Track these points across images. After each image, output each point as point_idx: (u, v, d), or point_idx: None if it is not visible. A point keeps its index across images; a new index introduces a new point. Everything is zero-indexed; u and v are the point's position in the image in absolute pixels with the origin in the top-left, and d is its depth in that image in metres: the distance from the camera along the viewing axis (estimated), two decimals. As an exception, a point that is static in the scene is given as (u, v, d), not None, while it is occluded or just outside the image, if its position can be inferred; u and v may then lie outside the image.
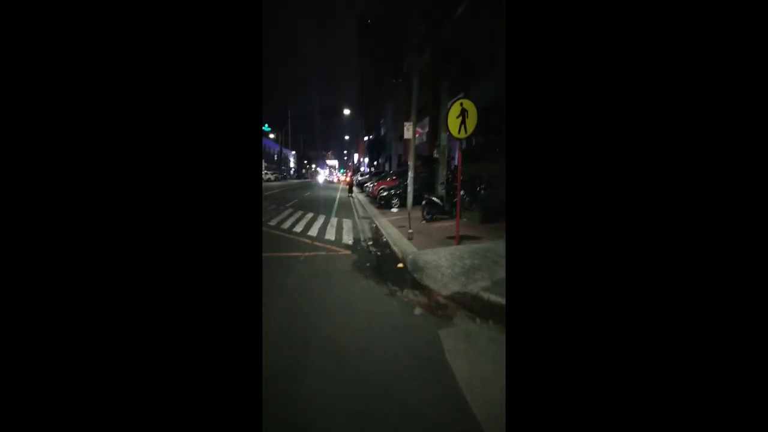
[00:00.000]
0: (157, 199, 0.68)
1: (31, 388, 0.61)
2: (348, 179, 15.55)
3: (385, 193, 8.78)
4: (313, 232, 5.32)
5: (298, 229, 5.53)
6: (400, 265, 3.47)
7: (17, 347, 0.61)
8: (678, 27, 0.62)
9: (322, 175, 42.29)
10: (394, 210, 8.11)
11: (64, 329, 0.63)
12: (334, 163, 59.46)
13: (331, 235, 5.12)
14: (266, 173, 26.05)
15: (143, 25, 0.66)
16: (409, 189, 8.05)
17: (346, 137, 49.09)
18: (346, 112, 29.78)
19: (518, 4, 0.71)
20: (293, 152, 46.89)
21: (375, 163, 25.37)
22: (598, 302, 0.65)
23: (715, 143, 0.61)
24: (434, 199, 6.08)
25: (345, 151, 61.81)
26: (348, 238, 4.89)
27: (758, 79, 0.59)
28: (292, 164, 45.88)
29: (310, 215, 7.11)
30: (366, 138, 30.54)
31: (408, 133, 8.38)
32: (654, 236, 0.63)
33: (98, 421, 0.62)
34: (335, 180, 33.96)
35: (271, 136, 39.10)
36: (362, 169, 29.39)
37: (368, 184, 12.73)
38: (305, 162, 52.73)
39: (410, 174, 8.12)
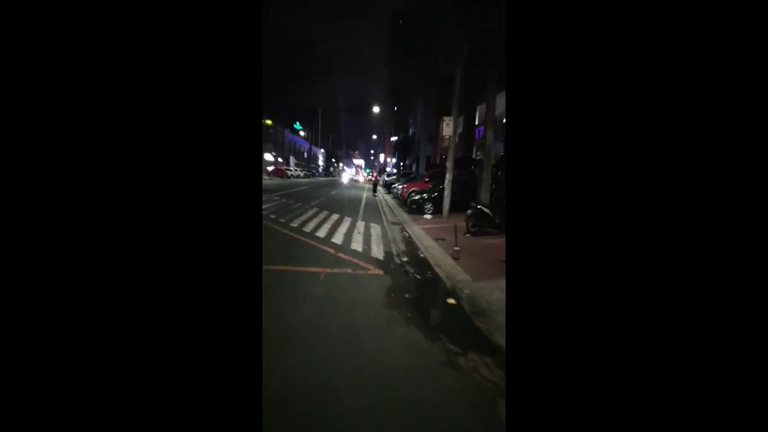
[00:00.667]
0: (153, 199, 0.67)
1: (31, 388, 0.60)
2: (372, 179, 16.54)
3: (416, 197, 7.90)
4: (338, 239, 4.60)
5: (322, 233, 4.86)
6: (452, 301, 2.59)
7: (17, 347, 0.61)
8: (678, 27, 0.62)
9: (347, 174, 42.02)
10: (428, 216, 7.22)
11: (64, 330, 0.63)
12: (361, 162, 59.40)
13: (357, 244, 4.36)
14: (296, 170, 27.22)
15: (142, 22, 0.66)
16: (446, 193, 7.11)
17: (374, 136, 48.72)
18: (375, 109, 29.22)
19: (518, 4, 0.71)
20: (322, 150, 47.38)
21: (402, 164, 24.61)
22: (598, 306, 0.65)
23: (715, 147, 0.60)
24: (483, 208, 5.08)
25: (372, 151, 61.67)
26: (378, 251, 4.09)
27: (758, 79, 0.59)
28: (320, 162, 46.33)
29: (335, 217, 6.46)
30: (393, 138, 29.84)
31: (448, 129, 7.44)
32: (660, 241, 0.63)
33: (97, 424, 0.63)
34: (361, 180, 33.63)
35: (302, 134, 39.65)
36: (388, 169, 28.80)
37: (396, 185, 12.08)
38: (333, 161, 53.30)
39: (448, 176, 7.16)
